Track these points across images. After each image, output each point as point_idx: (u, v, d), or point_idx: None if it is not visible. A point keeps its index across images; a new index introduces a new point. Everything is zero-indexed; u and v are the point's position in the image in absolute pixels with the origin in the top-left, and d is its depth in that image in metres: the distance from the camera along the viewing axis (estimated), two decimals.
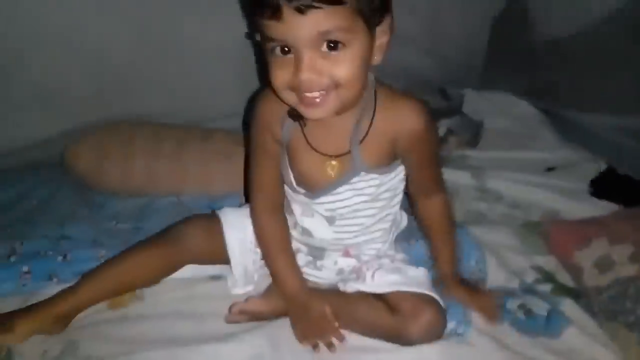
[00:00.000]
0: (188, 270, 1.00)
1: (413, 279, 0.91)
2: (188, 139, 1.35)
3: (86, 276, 0.94)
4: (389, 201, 0.92)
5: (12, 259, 1.04)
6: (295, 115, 0.81)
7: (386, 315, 0.87)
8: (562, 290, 1.02)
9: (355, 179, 0.86)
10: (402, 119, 0.82)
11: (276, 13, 0.66)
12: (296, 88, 0.72)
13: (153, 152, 1.32)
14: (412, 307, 0.86)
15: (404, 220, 1.03)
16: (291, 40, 0.68)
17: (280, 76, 0.72)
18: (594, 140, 1.45)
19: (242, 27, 1.47)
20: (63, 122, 1.39)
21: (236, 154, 1.33)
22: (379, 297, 0.90)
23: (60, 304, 0.91)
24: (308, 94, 0.72)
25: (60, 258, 1.04)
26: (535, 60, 1.71)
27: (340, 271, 0.97)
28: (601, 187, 1.30)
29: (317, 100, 0.72)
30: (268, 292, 0.97)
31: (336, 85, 0.72)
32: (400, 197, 0.94)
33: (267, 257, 0.94)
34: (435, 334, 0.87)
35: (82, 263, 1.02)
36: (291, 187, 0.91)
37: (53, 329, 0.89)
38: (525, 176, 1.38)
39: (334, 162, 0.85)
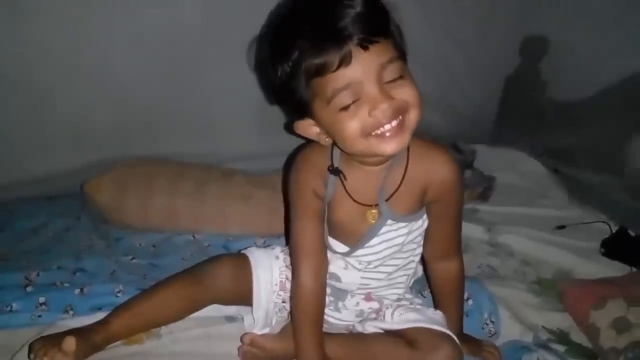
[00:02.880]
0: (205, 310, 1.00)
1: (431, 318, 0.93)
2: (207, 179, 1.38)
3: (116, 310, 0.95)
4: (413, 251, 0.94)
5: (28, 289, 1.05)
6: (336, 170, 0.86)
7: (405, 351, 0.88)
8: (577, 350, 1.02)
9: (384, 229, 0.88)
10: (434, 168, 0.86)
11: (346, 58, 0.71)
12: (373, 127, 0.74)
13: (172, 190, 1.34)
14: (431, 341, 0.87)
15: (419, 269, 1.05)
16: (361, 78, 0.72)
17: (354, 125, 0.75)
18: (605, 201, 1.47)
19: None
20: (85, 156, 1.42)
21: (254, 196, 1.36)
22: (398, 335, 0.90)
23: (94, 335, 0.91)
24: (387, 127, 0.75)
25: (77, 291, 1.04)
26: (547, 120, 1.76)
27: (361, 313, 0.98)
28: (613, 247, 1.32)
29: (395, 130, 0.75)
30: (283, 332, 0.97)
31: (405, 109, 0.75)
32: (421, 249, 0.96)
33: (297, 324, 0.91)
34: None
35: (98, 297, 1.03)
36: (328, 247, 0.92)
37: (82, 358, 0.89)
38: (536, 233, 1.39)
39: (374, 211, 0.88)
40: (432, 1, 1.62)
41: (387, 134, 0.75)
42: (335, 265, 0.94)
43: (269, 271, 0.98)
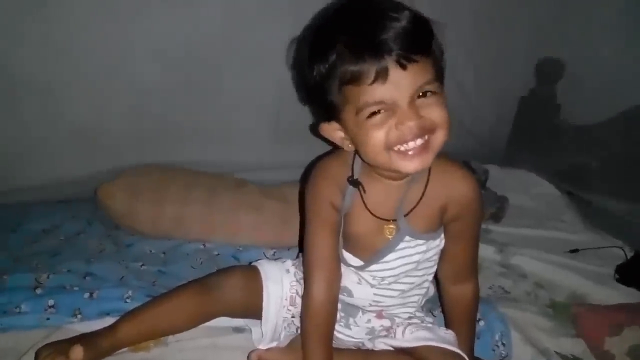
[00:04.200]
0: (213, 320, 0.99)
1: (443, 337, 0.91)
2: (219, 188, 1.38)
3: (124, 317, 0.95)
4: (428, 270, 0.93)
5: (38, 291, 1.04)
6: (355, 182, 0.85)
7: None
8: None
9: (402, 245, 0.87)
10: (454, 184, 0.85)
11: (382, 74, 0.70)
12: (397, 142, 0.74)
13: (184, 198, 1.34)
14: None
15: (431, 289, 1.03)
16: (395, 98, 0.72)
17: (378, 136, 0.74)
18: (619, 226, 1.45)
19: (279, 84, 1.54)
20: (99, 162, 1.44)
21: (265, 207, 1.35)
22: (408, 353, 0.89)
23: (102, 341, 0.90)
24: (411, 144, 0.74)
25: (86, 295, 1.04)
26: (560, 142, 1.76)
27: (372, 330, 0.96)
28: (628, 273, 1.29)
29: (418, 150, 0.74)
30: (290, 345, 0.96)
31: (433, 129, 0.74)
32: (436, 267, 0.95)
33: (306, 337, 0.88)
34: None
35: (107, 302, 1.02)
36: (342, 260, 0.91)
37: None
38: (549, 256, 1.38)
39: (392, 226, 0.87)
40: (448, 22, 1.63)
41: (410, 152, 0.75)
42: (349, 280, 0.93)
43: (280, 285, 0.97)
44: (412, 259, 0.89)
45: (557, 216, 1.60)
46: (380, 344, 0.94)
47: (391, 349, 0.93)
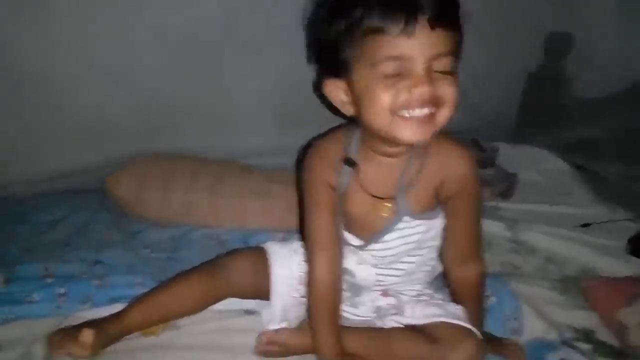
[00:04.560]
0: (223, 303, 1.00)
1: (453, 313, 0.90)
2: (226, 174, 1.38)
3: (132, 303, 0.95)
4: (431, 249, 0.92)
5: (49, 280, 1.05)
6: (350, 161, 0.84)
7: (425, 346, 0.86)
8: (603, 349, 0.99)
9: (401, 225, 0.87)
10: (450, 162, 0.84)
11: (410, 28, 0.68)
12: (404, 105, 0.72)
13: (191, 184, 1.34)
14: (452, 337, 0.85)
15: (439, 266, 1.02)
16: (415, 56, 0.70)
17: (387, 96, 0.72)
18: (630, 198, 1.43)
19: (282, 69, 1.53)
20: (107, 151, 1.44)
21: (272, 191, 1.36)
22: (418, 330, 0.89)
23: (110, 327, 0.91)
24: (417, 112, 0.72)
25: (96, 282, 1.04)
26: (570, 117, 1.73)
27: (378, 309, 0.96)
28: (639, 245, 1.28)
29: (422, 120, 0.73)
30: (301, 326, 0.96)
31: (441, 104, 0.73)
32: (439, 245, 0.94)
33: (313, 317, 0.89)
34: None
35: (117, 289, 1.03)
36: (343, 239, 0.91)
37: (100, 349, 0.89)
38: (560, 231, 1.36)
39: (388, 205, 0.86)
40: None
41: (414, 121, 0.73)
42: (350, 261, 0.93)
43: (288, 265, 0.97)
44: (412, 239, 0.88)
45: (567, 191, 1.58)
46: (390, 322, 0.94)
47: (401, 326, 0.92)
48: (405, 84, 0.71)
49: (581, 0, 1.64)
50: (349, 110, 0.80)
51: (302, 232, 0.94)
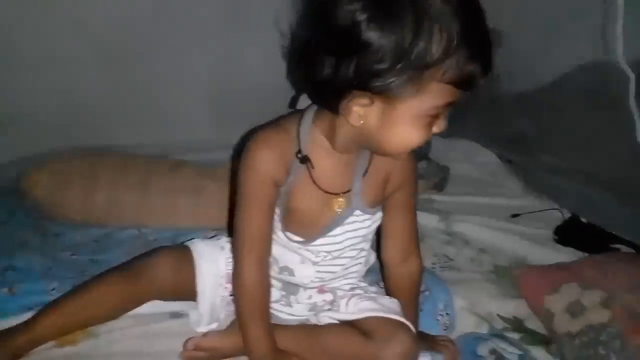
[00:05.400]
0: (147, 306, 0.94)
1: (387, 306, 0.90)
2: (155, 171, 1.32)
3: (44, 309, 0.88)
4: (368, 243, 0.92)
5: None
6: (304, 158, 0.79)
7: (360, 342, 0.84)
8: (532, 338, 1.01)
9: (350, 220, 0.85)
10: None
11: (474, 88, 0.66)
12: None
13: (117, 182, 1.27)
14: (387, 332, 0.84)
15: (372, 257, 1.01)
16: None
17: (422, 137, 0.70)
18: (556, 190, 1.48)
19: (216, 59, 1.48)
20: (21, 147, 1.34)
21: (204, 188, 1.30)
22: (352, 325, 0.87)
23: (18, 337, 0.84)
24: None
25: (5, 290, 0.97)
26: (500, 111, 1.77)
27: (314, 306, 0.93)
28: (566, 234, 1.33)
29: None
30: (231, 328, 0.92)
31: None
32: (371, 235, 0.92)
33: (243, 317, 0.85)
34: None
35: (30, 296, 0.95)
36: (283, 239, 0.87)
37: None
38: (491, 221, 1.40)
39: (341, 199, 0.83)
40: None
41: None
42: (290, 260, 0.89)
43: (214, 263, 0.92)
44: (359, 233, 0.87)
45: (498, 183, 1.62)
46: (325, 318, 0.92)
47: (336, 322, 0.91)
48: (435, 124, 0.70)
49: None
50: (357, 122, 0.70)
51: (231, 227, 0.89)
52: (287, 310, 0.94)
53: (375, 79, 0.64)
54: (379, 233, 0.93)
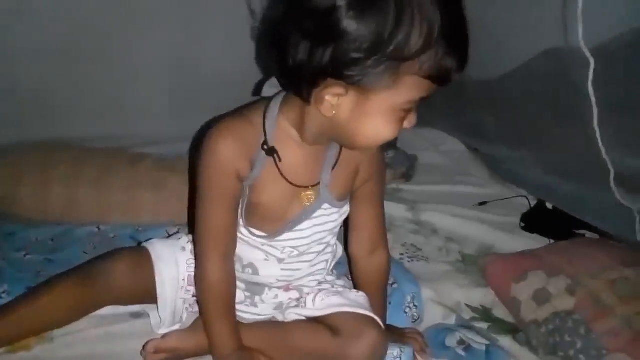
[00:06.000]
0: (106, 307, 0.90)
1: (354, 301, 0.88)
2: (113, 165, 1.27)
3: None
4: (334, 237, 0.90)
5: None
6: (271, 150, 0.75)
7: (327, 339, 0.82)
8: (500, 327, 1.01)
9: (318, 213, 0.82)
10: None
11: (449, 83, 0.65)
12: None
13: (73, 177, 1.22)
14: (354, 328, 0.82)
15: (339, 250, 0.99)
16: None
17: (395, 131, 0.68)
18: (522, 177, 1.49)
19: (176, 47, 1.42)
20: None
21: (165, 182, 1.26)
22: (320, 321, 0.86)
23: None
24: None
25: None
26: (465, 99, 1.77)
27: (280, 305, 0.91)
28: (532, 221, 1.34)
29: None
30: (193, 327, 0.89)
31: None
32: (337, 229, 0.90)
33: (208, 316, 0.82)
34: (377, 356, 0.83)
35: None
36: (246, 234, 0.83)
37: None
38: (459, 210, 1.40)
39: (310, 193, 0.80)
40: None
41: None
42: (254, 257, 0.86)
43: (174, 265, 0.88)
44: (327, 227, 0.84)
45: (465, 171, 1.63)
46: (292, 315, 0.89)
47: (303, 318, 0.89)
48: (407, 119, 0.69)
49: None
50: (330, 113, 0.67)
51: (192, 223, 0.85)
52: (252, 310, 0.91)
53: (352, 68, 0.61)
54: (346, 226, 0.91)
